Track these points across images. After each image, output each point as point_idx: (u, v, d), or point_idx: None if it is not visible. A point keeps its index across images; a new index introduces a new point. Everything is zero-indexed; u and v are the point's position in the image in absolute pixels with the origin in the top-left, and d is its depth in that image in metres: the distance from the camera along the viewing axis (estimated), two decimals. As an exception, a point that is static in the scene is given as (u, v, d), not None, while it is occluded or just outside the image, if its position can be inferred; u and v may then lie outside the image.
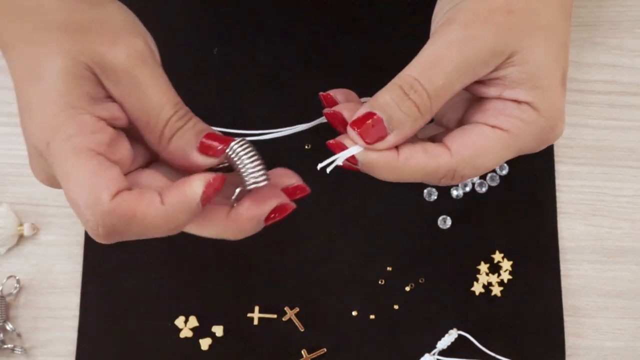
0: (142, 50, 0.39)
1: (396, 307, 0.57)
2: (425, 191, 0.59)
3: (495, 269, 0.58)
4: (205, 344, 0.56)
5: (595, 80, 0.61)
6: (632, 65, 0.61)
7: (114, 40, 0.38)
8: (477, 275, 0.58)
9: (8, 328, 0.56)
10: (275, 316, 0.57)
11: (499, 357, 0.56)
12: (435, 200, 0.59)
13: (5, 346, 0.56)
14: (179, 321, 0.57)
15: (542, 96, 0.39)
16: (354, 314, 0.57)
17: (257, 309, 0.57)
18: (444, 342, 0.56)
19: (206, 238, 0.40)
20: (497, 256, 0.58)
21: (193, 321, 0.57)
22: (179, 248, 0.58)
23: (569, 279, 0.58)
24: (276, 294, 0.57)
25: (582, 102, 0.61)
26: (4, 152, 0.59)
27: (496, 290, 0.57)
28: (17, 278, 0.57)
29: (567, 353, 0.57)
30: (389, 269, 0.58)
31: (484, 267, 0.58)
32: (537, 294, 0.58)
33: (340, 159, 0.39)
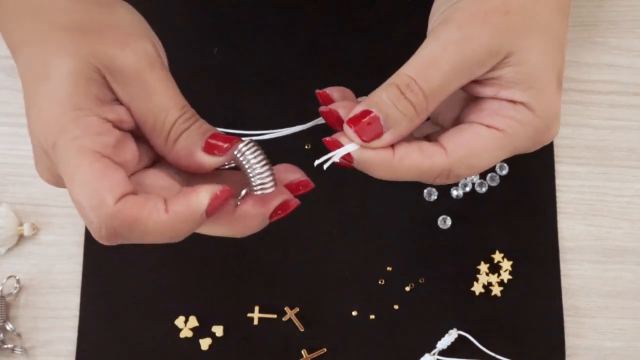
0: (151, 54, 0.39)
1: (396, 307, 0.57)
2: (425, 191, 0.59)
3: (495, 269, 0.58)
4: (205, 344, 0.56)
5: (595, 80, 0.61)
6: (632, 65, 0.61)
7: (123, 43, 0.38)
8: (477, 275, 0.58)
9: (8, 328, 0.56)
10: (275, 316, 0.57)
11: (499, 357, 0.56)
12: (435, 200, 0.59)
13: (5, 346, 0.56)
14: (179, 321, 0.57)
15: (537, 97, 0.40)
16: (354, 314, 0.57)
17: (257, 309, 0.57)
18: (444, 342, 0.56)
19: (206, 237, 0.40)
20: (497, 256, 0.58)
21: (193, 321, 0.57)
22: (179, 248, 0.57)
23: (569, 279, 0.58)
24: (276, 294, 0.57)
25: (582, 102, 0.61)
26: (4, 152, 0.59)
27: (496, 290, 0.57)
28: (17, 278, 0.57)
29: (567, 353, 0.57)
30: (389, 269, 0.58)
31: (484, 267, 0.58)
32: (537, 294, 0.58)
33: (336, 156, 0.39)
